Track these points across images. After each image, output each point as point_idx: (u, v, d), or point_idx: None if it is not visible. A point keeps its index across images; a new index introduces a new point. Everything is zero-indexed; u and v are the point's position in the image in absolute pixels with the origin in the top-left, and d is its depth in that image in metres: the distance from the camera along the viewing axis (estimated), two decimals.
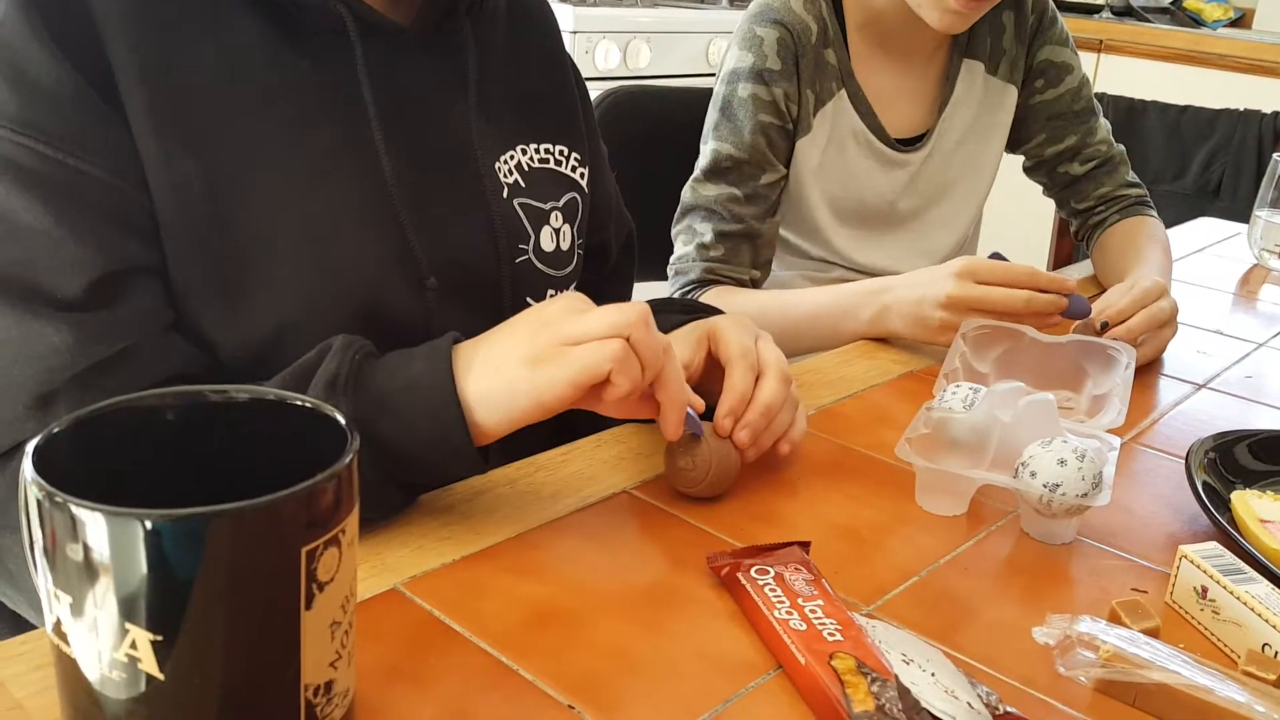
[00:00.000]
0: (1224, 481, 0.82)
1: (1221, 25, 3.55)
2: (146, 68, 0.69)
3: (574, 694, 0.57)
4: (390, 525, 0.71)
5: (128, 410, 0.50)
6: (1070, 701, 0.59)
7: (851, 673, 0.56)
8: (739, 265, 1.30)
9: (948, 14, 1.21)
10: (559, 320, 0.68)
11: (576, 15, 2.72)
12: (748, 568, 0.66)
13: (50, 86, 0.67)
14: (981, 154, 1.44)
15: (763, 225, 1.30)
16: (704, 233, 1.29)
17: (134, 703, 0.44)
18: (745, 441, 0.76)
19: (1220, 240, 1.71)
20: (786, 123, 1.29)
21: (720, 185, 1.28)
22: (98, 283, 0.67)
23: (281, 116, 0.74)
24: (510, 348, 0.68)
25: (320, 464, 0.46)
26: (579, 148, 0.94)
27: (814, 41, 1.28)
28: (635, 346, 0.67)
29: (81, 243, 0.67)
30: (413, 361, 0.68)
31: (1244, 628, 0.64)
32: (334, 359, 0.67)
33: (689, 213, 1.32)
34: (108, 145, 0.68)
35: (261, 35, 0.74)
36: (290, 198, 0.73)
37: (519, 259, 0.87)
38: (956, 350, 0.98)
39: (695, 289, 1.29)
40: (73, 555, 0.42)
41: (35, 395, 0.66)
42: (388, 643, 0.60)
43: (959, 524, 0.77)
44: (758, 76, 1.27)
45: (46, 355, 0.66)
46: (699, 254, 1.29)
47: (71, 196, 0.67)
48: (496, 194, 0.85)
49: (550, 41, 0.96)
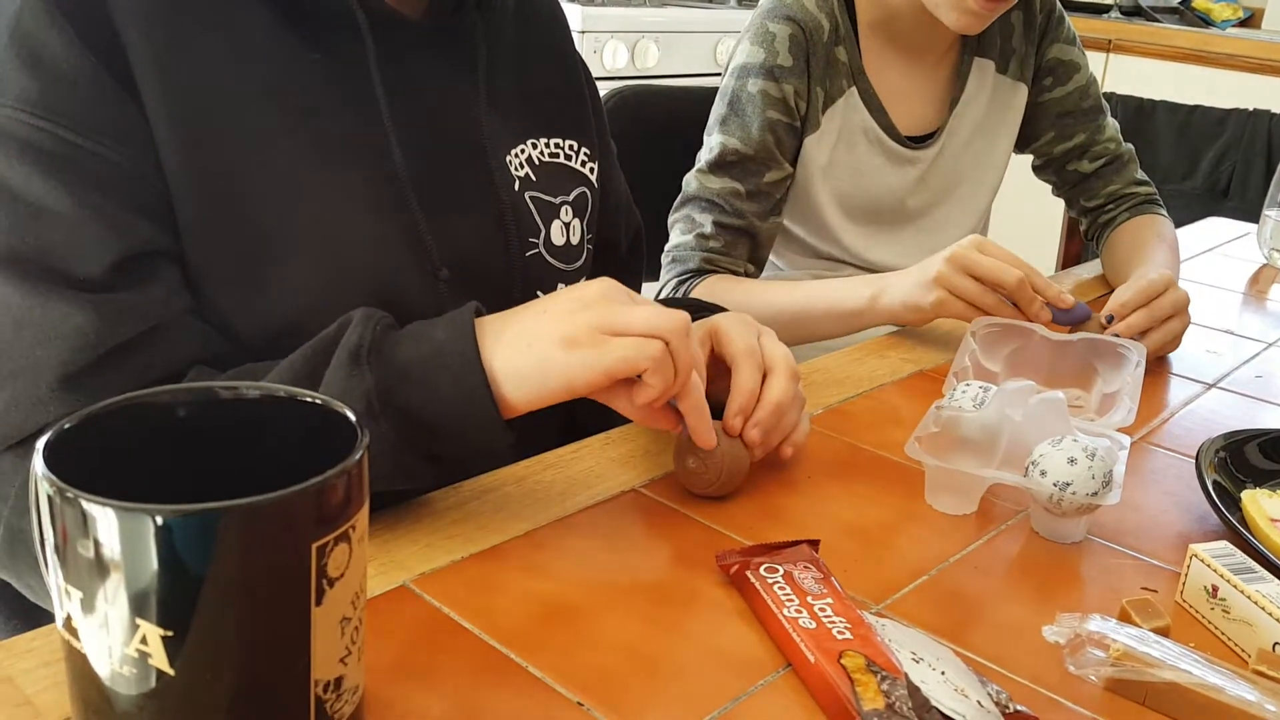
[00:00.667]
0: (1234, 480, 0.82)
1: (1231, 25, 3.54)
2: (160, 56, 0.69)
3: (583, 691, 0.57)
4: (400, 522, 0.71)
5: (139, 406, 0.50)
6: (1080, 700, 0.59)
7: (861, 671, 0.56)
8: (736, 259, 1.29)
9: (966, 14, 1.22)
10: (600, 305, 0.67)
11: (585, 15, 2.73)
12: (757, 566, 0.66)
13: (69, 72, 0.67)
14: (991, 152, 1.44)
15: (762, 223, 1.30)
16: (704, 223, 1.28)
17: (144, 698, 0.44)
18: (756, 440, 0.76)
19: (1230, 240, 1.71)
20: (794, 120, 1.29)
21: (724, 179, 1.28)
22: (120, 264, 0.68)
23: (292, 107, 0.74)
24: (545, 325, 0.67)
25: (331, 460, 0.46)
26: (589, 143, 0.94)
27: (825, 39, 1.28)
28: (673, 353, 0.67)
29: (103, 225, 0.67)
30: (435, 330, 0.68)
31: (1255, 627, 0.64)
32: (355, 330, 0.67)
33: (689, 202, 1.31)
34: (125, 131, 0.69)
35: (272, 28, 0.74)
36: (303, 187, 0.73)
37: (529, 252, 0.87)
38: (966, 349, 0.98)
39: (692, 278, 1.28)
40: (84, 551, 0.42)
41: (59, 376, 0.66)
42: (397, 639, 0.60)
43: (969, 523, 0.77)
44: (768, 73, 1.26)
45: (69, 336, 0.66)
46: (698, 243, 1.28)
47: (92, 180, 0.67)
48: (507, 187, 0.85)
49: (559, 38, 0.97)
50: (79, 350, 0.66)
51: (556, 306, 0.68)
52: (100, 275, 0.67)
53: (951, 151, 1.40)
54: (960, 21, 1.23)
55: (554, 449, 0.84)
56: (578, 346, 0.66)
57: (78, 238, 0.67)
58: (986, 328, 1.02)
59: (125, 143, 0.69)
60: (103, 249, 0.67)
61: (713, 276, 1.28)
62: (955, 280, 1.05)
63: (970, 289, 1.05)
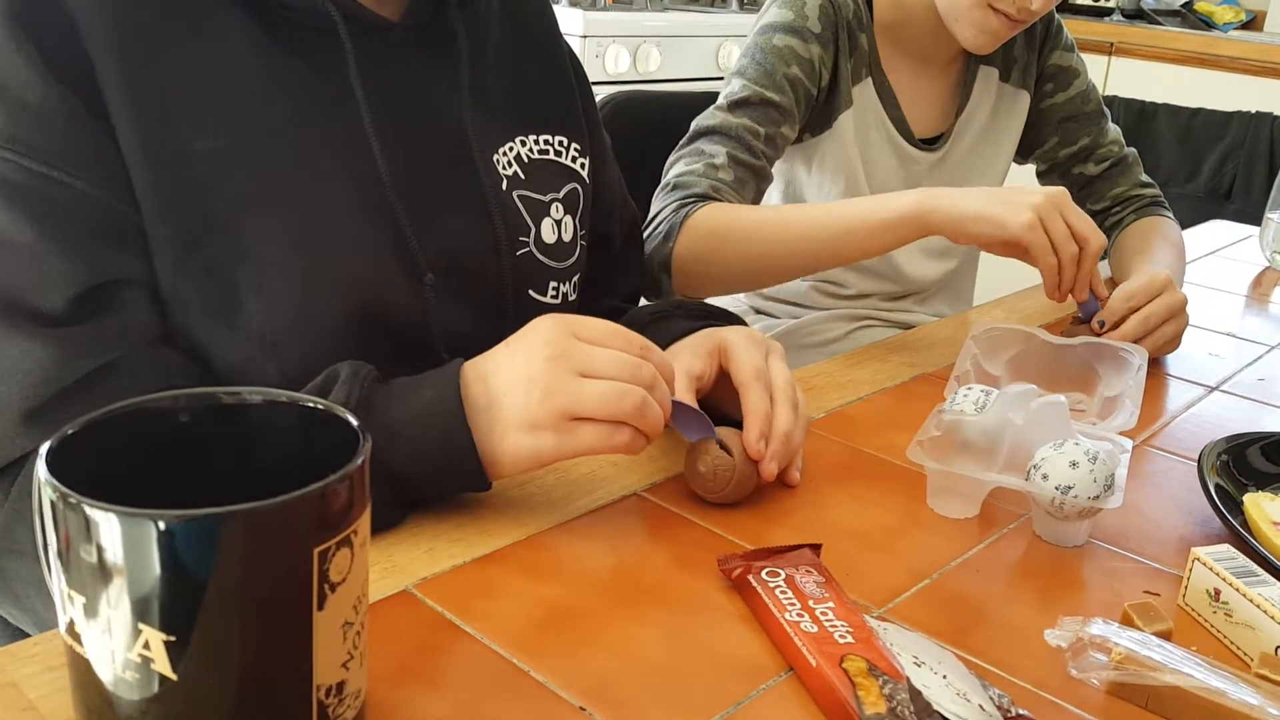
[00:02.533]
0: (1236, 484, 0.82)
1: (1233, 28, 3.54)
2: (132, 78, 0.69)
3: (585, 696, 0.57)
4: (402, 527, 0.71)
5: (141, 412, 0.50)
6: (1082, 704, 0.59)
7: (863, 675, 0.56)
8: (743, 197, 1.21)
9: (985, 34, 1.22)
10: (550, 386, 0.67)
11: (586, 19, 2.73)
12: (759, 570, 0.66)
13: (35, 102, 0.66)
14: (993, 159, 1.44)
15: (769, 169, 1.24)
16: (716, 154, 1.20)
17: (147, 703, 0.44)
18: (774, 473, 0.76)
19: (1232, 243, 1.71)
20: (814, 87, 1.25)
21: (744, 117, 1.22)
22: (82, 297, 0.67)
23: (272, 116, 0.73)
24: (506, 411, 0.68)
25: (332, 465, 0.46)
26: (579, 138, 0.93)
27: (851, 18, 1.28)
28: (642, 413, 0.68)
29: (65, 257, 0.67)
30: (422, 389, 0.69)
31: (1257, 630, 0.64)
32: (343, 387, 0.68)
33: (701, 136, 1.23)
34: (93, 159, 0.68)
35: (250, 37, 0.73)
36: (283, 198, 0.73)
37: (520, 251, 0.86)
38: (968, 353, 0.98)
39: (696, 202, 1.16)
40: (86, 556, 0.42)
41: (22, 412, 0.66)
42: (399, 644, 0.60)
43: (971, 526, 0.77)
44: (796, 32, 1.24)
45: (31, 371, 0.66)
46: (706, 171, 1.19)
47: (56, 211, 0.67)
48: (495, 186, 0.85)
49: (546, 32, 0.96)
50: (40, 385, 0.66)
51: (513, 385, 0.68)
52: (62, 308, 0.67)
53: (955, 158, 1.40)
54: (978, 40, 1.23)
55: None
56: (542, 431, 0.67)
57: (41, 271, 0.66)
58: (988, 332, 1.02)
59: (94, 171, 0.68)
60: (65, 282, 0.67)
61: (716, 204, 1.16)
62: (1053, 216, 1.01)
63: (1060, 232, 1.01)
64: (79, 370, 0.67)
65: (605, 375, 0.68)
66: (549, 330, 0.69)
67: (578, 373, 0.68)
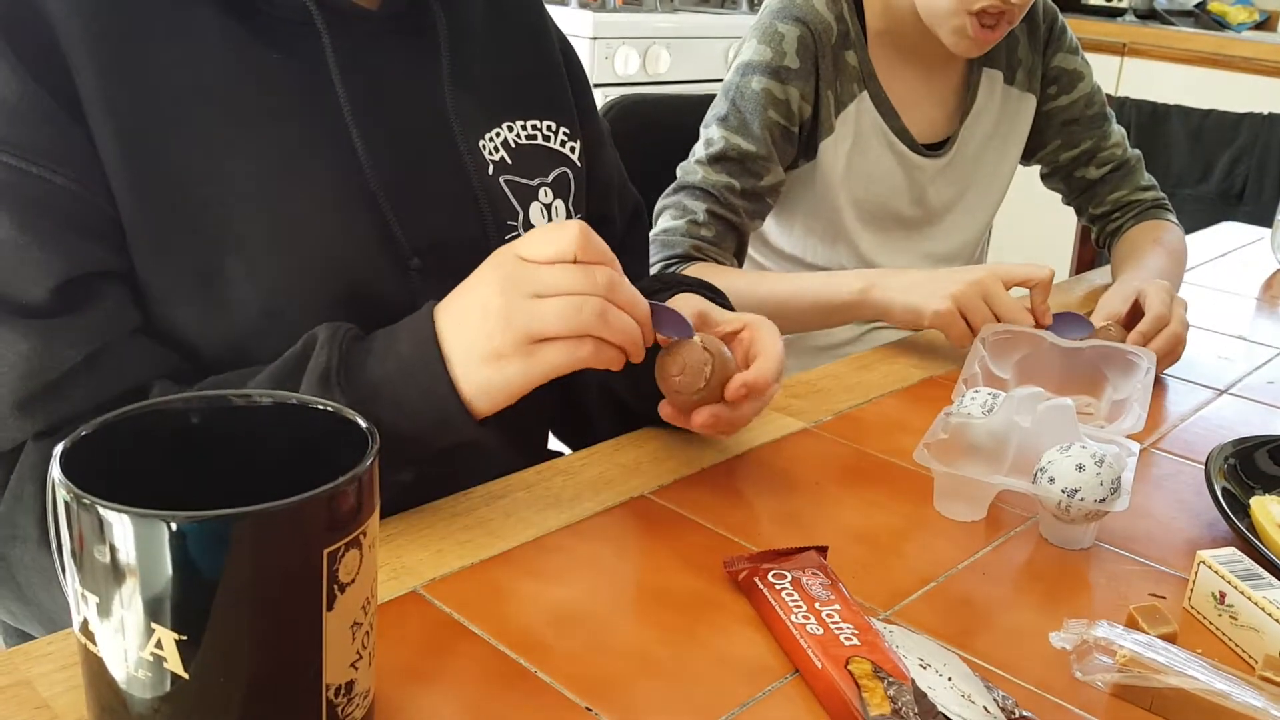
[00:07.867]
0: (1243, 487, 0.82)
1: (1246, 28, 3.53)
2: (108, 75, 0.69)
3: (592, 696, 0.57)
4: (411, 528, 0.72)
5: (154, 414, 0.51)
6: (1087, 706, 0.59)
7: (868, 677, 0.56)
8: (724, 251, 1.29)
9: (964, 39, 1.24)
10: (506, 312, 0.67)
11: (596, 21, 2.73)
12: (765, 572, 0.66)
13: (12, 99, 0.67)
14: (999, 163, 1.44)
15: (750, 224, 1.30)
16: (697, 211, 1.27)
17: (159, 701, 0.45)
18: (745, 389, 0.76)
19: (1243, 245, 1.70)
20: (793, 125, 1.28)
21: (722, 174, 1.27)
22: (62, 288, 0.68)
23: (250, 110, 0.74)
24: (476, 339, 0.68)
25: (341, 467, 0.46)
26: (568, 122, 0.93)
27: (834, 42, 1.28)
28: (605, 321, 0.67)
29: (46, 249, 0.67)
30: (398, 343, 0.69)
31: (1262, 633, 0.64)
32: (322, 352, 0.68)
33: (683, 190, 1.29)
34: (71, 154, 0.69)
35: (227, 32, 0.74)
36: (262, 190, 0.73)
37: (509, 235, 0.86)
38: (976, 355, 0.98)
39: (679, 263, 1.26)
40: (100, 556, 0.43)
41: (12, 404, 0.67)
42: (408, 644, 0.60)
43: (977, 529, 0.77)
44: (774, 73, 1.26)
45: (16, 363, 0.67)
46: (689, 230, 1.26)
47: (36, 204, 0.68)
48: (480, 171, 0.85)
49: (532, 16, 0.95)
50: (26, 377, 0.67)
51: (471, 320, 0.68)
52: (44, 300, 0.67)
53: (961, 161, 1.40)
54: (959, 45, 1.25)
55: (563, 456, 0.84)
56: (508, 359, 0.67)
57: (22, 263, 0.67)
58: (996, 334, 1.02)
59: (72, 166, 0.68)
60: (45, 274, 0.67)
61: (700, 264, 1.27)
62: (974, 304, 1.05)
63: (980, 316, 1.05)
64: (66, 360, 0.67)
65: (559, 291, 0.67)
66: (497, 258, 0.70)
67: (531, 295, 0.67)
